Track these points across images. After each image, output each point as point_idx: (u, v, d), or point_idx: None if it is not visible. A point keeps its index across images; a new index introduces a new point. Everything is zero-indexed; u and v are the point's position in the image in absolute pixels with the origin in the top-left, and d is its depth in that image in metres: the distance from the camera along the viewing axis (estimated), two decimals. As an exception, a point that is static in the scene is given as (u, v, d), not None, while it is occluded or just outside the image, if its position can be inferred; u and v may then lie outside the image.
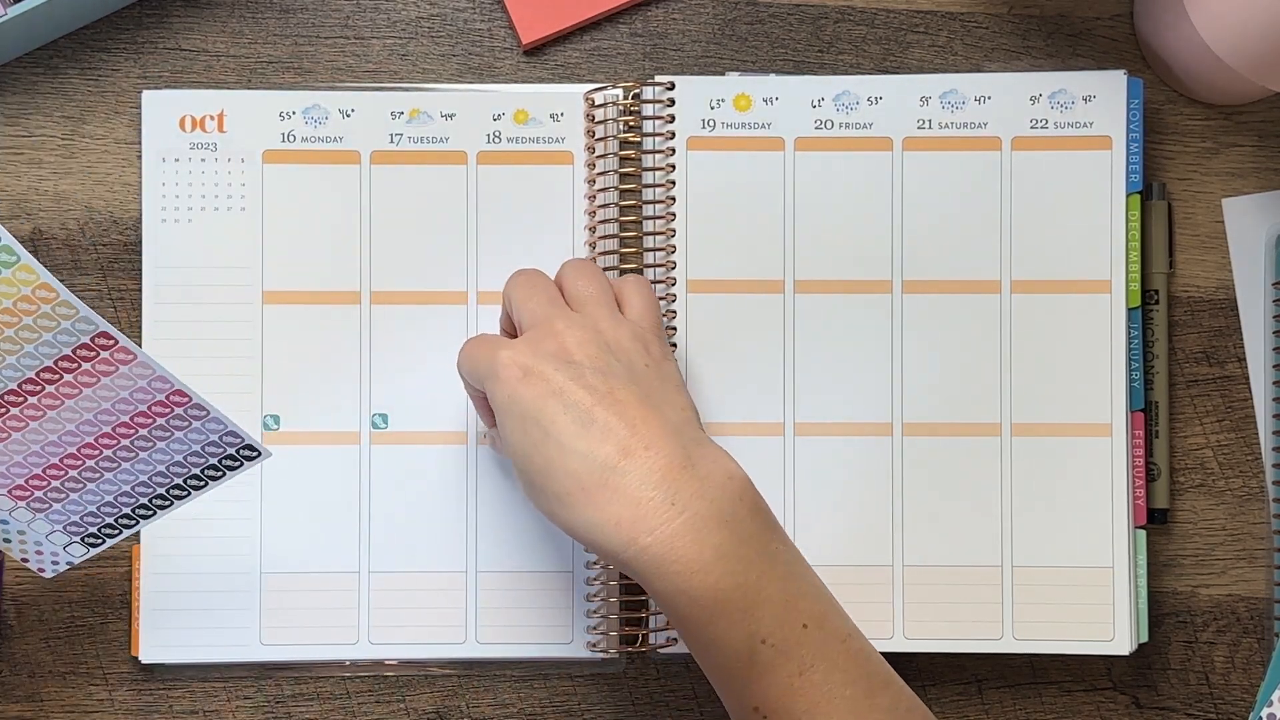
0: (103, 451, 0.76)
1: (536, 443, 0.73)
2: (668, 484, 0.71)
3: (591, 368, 0.74)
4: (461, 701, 0.87)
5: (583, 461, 0.71)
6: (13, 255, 0.69)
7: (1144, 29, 0.88)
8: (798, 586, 0.73)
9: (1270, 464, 0.88)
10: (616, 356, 0.76)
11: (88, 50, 0.89)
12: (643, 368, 0.76)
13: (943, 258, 0.87)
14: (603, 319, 0.77)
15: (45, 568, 0.80)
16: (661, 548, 0.70)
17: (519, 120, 0.87)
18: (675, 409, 0.75)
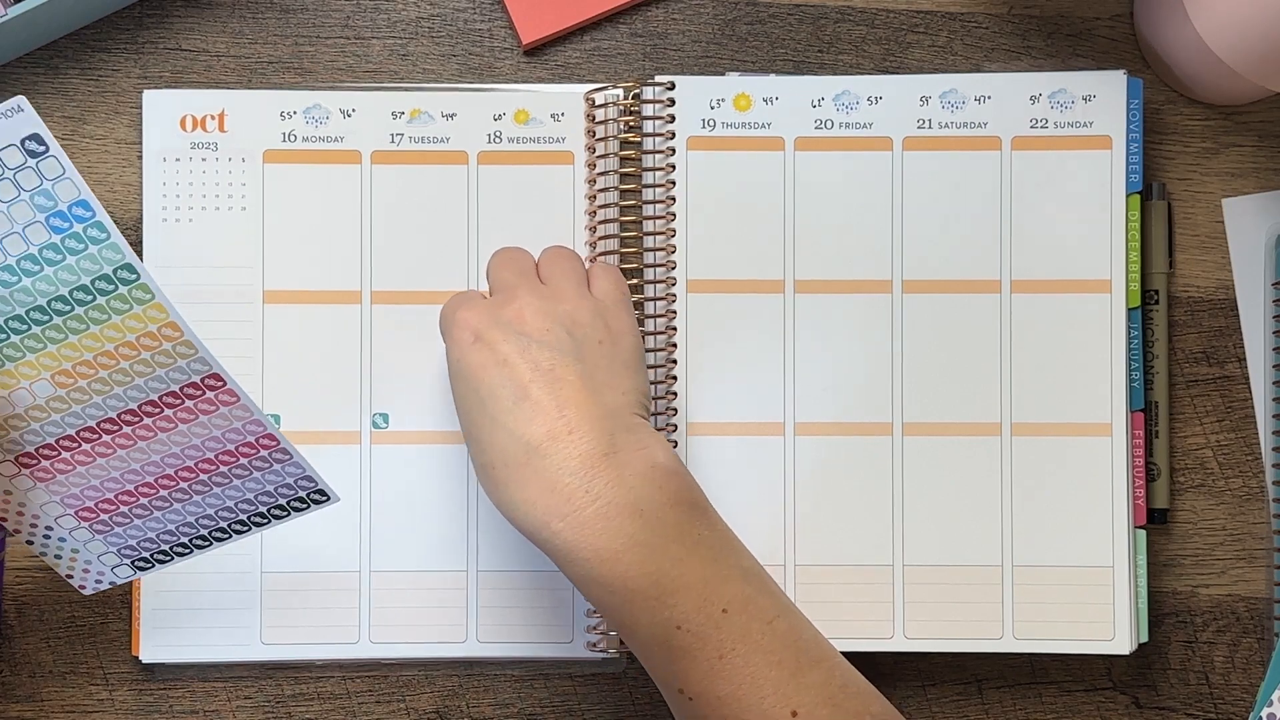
0: (179, 484, 0.77)
1: (474, 411, 0.75)
2: (585, 471, 0.72)
3: (540, 341, 0.75)
4: (461, 701, 0.87)
5: (510, 439, 0.73)
6: (147, 293, 0.71)
7: (1144, 29, 0.89)
8: (719, 571, 0.73)
9: (1270, 464, 0.88)
10: (571, 332, 0.76)
11: (88, 50, 0.89)
12: (595, 344, 0.77)
13: (943, 258, 0.87)
14: (567, 293, 0.79)
15: (87, 585, 0.81)
16: (573, 534, 0.71)
17: (519, 120, 0.87)
18: (617, 392, 0.76)
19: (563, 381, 0.74)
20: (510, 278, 0.79)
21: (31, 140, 0.68)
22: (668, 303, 0.86)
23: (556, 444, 0.73)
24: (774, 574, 0.85)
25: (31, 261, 0.70)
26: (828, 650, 0.75)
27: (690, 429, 0.86)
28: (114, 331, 0.72)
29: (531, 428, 0.73)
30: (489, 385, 0.74)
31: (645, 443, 0.74)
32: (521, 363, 0.74)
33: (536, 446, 0.73)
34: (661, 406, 0.86)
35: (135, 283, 0.71)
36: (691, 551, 0.73)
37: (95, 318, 0.72)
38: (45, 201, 0.69)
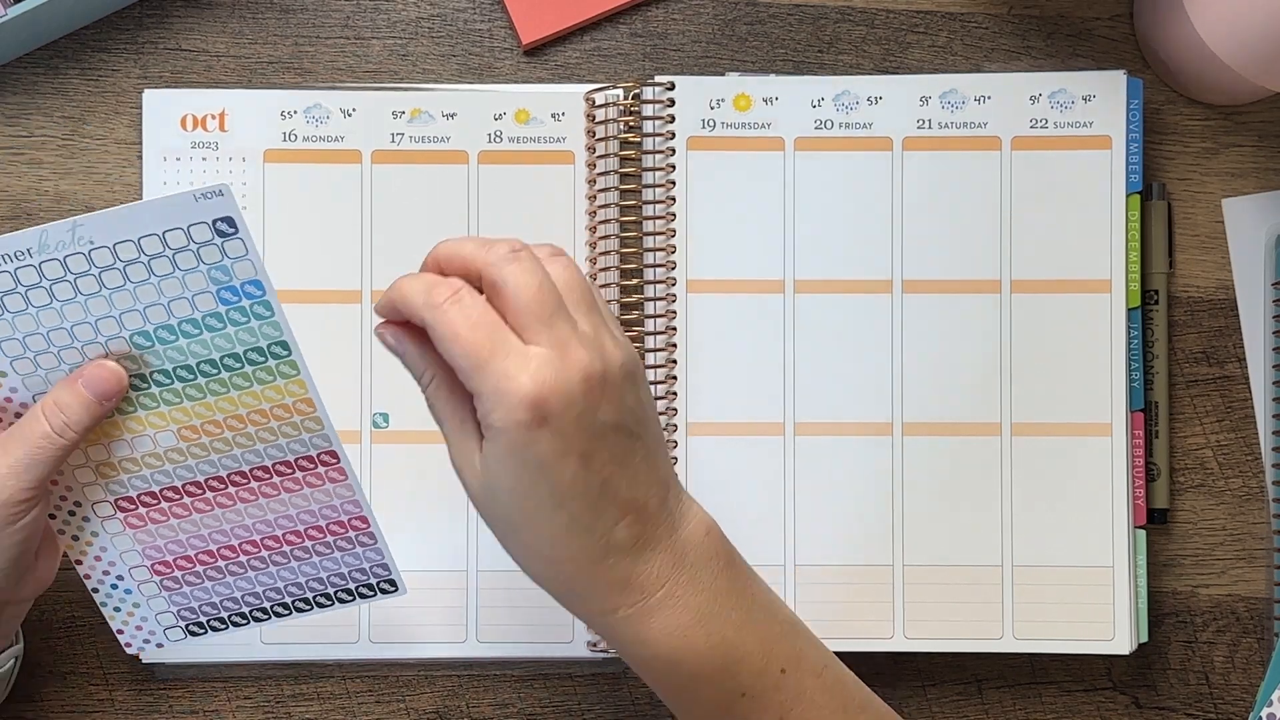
0: (260, 551, 0.78)
1: (540, 504, 0.66)
2: (655, 558, 0.68)
3: (615, 424, 0.66)
4: (461, 701, 0.87)
5: (589, 538, 0.67)
6: (294, 369, 0.73)
7: (1144, 29, 0.89)
8: (773, 629, 0.71)
9: (1270, 464, 0.88)
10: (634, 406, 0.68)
11: (88, 50, 0.89)
12: (644, 405, 0.69)
13: (943, 258, 0.87)
14: (606, 340, 0.68)
15: (133, 642, 0.81)
16: (640, 619, 0.68)
17: (520, 120, 0.87)
18: (664, 458, 0.70)
19: (636, 470, 0.67)
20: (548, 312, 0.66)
21: (224, 222, 0.70)
22: (668, 303, 0.86)
23: (633, 535, 0.67)
24: (774, 574, 0.86)
25: (193, 325, 0.72)
26: (867, 692, 0.74)
27: (690, 429, 0.86)
28: (251, 399, 0.74)
29: (612, 527, 0.67)
30: (567, 482, 0.65)
31: (692, 508, 0.70)
32: (598, 455, 0.66)
33: (614, 544, 0.67)
34: (662, 407, 0.86)
35: (285, 358, 0.73)
36: (749, 613, 0.70)
37: (238, 384, 0.74)
38: (221, 276, 0.71)
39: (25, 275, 0.70)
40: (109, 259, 0.70)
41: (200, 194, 0.69)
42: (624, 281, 0.87)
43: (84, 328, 0.72)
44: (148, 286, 0.71)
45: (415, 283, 0.68)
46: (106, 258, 0.70)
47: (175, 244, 0.70)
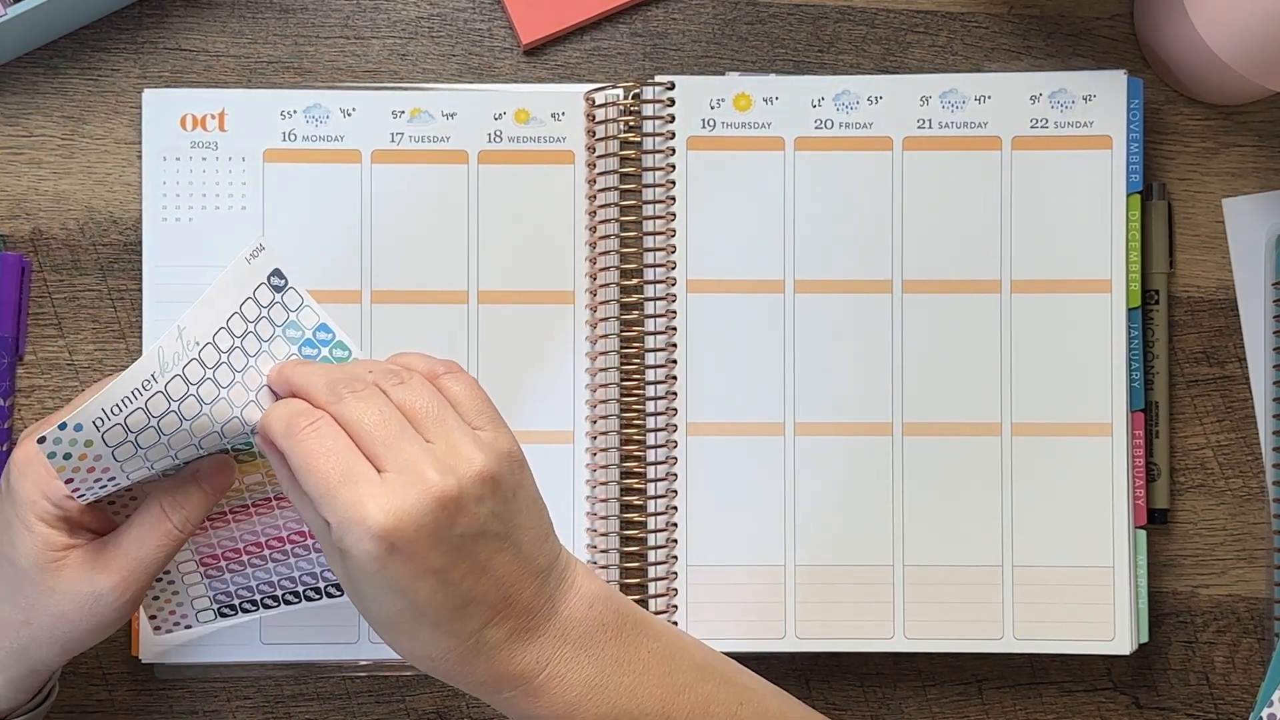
0: (281, 546, 0.79)
1: (403, 618, 0.67)
2: (535, 641, 0.69)
3: (475, 533, 0.66)
4: (461, 701, 0.87)
5: (456, 640, 0.68)
6: None
7: (1144, 29, 0.89)
8: (674, 682, 0.72)
9: (1270, 464, 0.88)
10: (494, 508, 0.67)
11: (88, 50, 0.89)
12: (510, 498, 0.68)
13: (943, 258, 0.87)
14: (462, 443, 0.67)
15: (164, 625, 0.82)
16: (526, 699, 0.69)
17: (520, 120, 0.87)
18: (540, 540, 0.70)
19: (501, 567, 0.67)
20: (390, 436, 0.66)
21: (275, 276, 0.72)
22: (668, 303, 0.86)
23: (506, 626, 0.68)
24: (774, 574, 0.86)
25: None
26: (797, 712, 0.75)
27: (690, 429, 0.86)
28: None
29: (476, 622, 0.67)
30: (425, 597, 0.66)
31: (572, 579, 0.71)
32: (459, 568, 0.66)
33: (483, 638, 0.68)
34: (662, 406, 0.86)
35: None
36: (643, 675, 0.71)
37: None
38: (295, 333, 0.72)
39: (155, 405, 0.68)
40: (216, 356, 0.70)
41: (249, 255, 0.71)
42: (624, 281, 0.87)
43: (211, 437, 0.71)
44: (251, 371, 0.71)
45: (278, 410, 0.69)
46: (214, 356, 0.70)
47: (252, 315, 0.71)
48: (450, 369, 0.71)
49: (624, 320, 0.86)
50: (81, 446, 0.68)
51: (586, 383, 0.87)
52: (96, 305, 0.88)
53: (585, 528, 0.86)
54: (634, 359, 0.86)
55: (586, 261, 0.87)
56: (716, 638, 0.85)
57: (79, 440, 0.68)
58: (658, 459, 0.86)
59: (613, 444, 0.86)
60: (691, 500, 0.86)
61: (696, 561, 0.86)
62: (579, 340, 0.87)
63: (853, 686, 0.88)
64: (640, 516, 0.86)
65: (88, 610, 0.73)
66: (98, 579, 0.72)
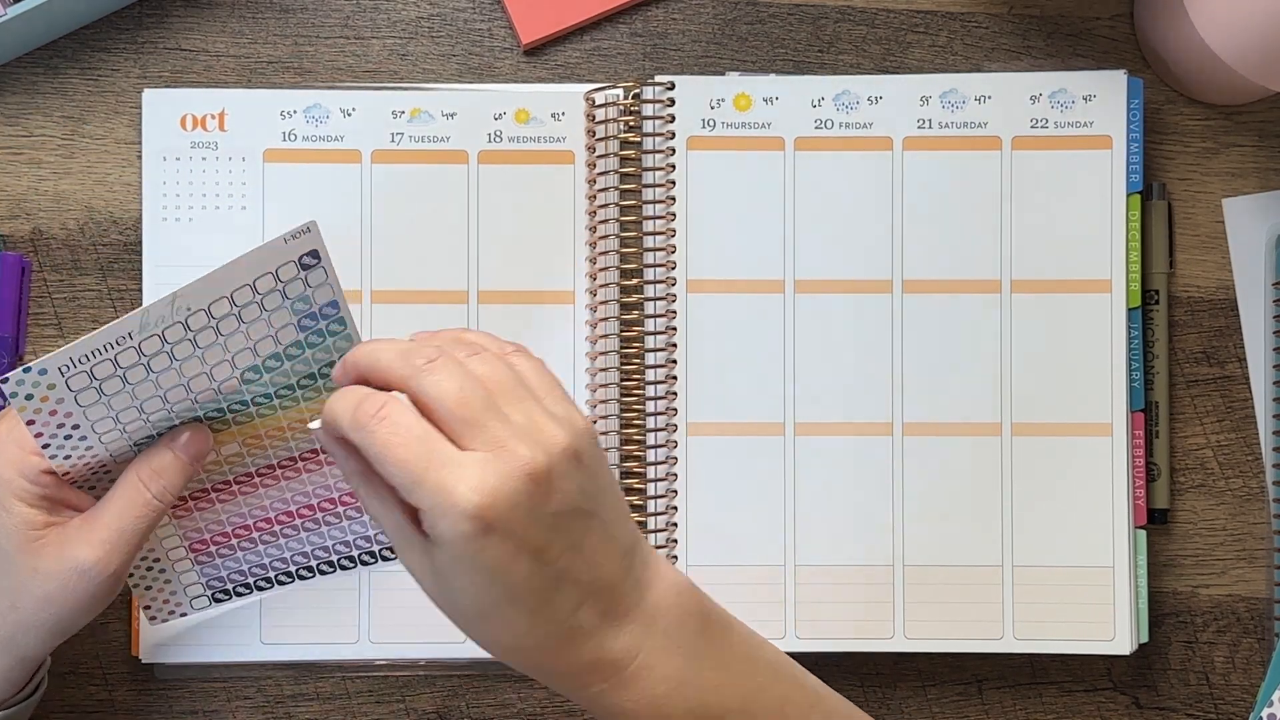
0: (275, 526, 0.79)
1: (496, 602, 0.65)
2: (624, 629, 0.67)
3: (558, 511, 0.64)
4: (462, 701, 0.87)
5: (551, 626, 0.66)
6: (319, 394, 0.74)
7: (1144, 29, 0.89)
8: (754, 681, 0.70)
9: (1270, 464, 0.88)
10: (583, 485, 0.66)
11: (88, 50, 0.89)
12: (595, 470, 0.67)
13: (943, 258, 0.87)
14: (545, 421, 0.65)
15: (158, 614, 0.82)
16: (615, 693, 0.67)
17: (520, 120, 0.87)
18: (624, 519, 0.68)
19: (591, 549, 0.66)
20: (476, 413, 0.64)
21: (309, 255, 0.70)
22: (668, 303, 0.86)
23: (597, 612, 0.66)
24: (774, 574, 0.86)
25: (276, 359, 0.73)
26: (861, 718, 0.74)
27: (690, 429, 0.86)
28: (317, 405, 0.75)
29: (567, 607, 0.65)
30: (519, 580, 0.64)
31: (656, 565, 0.69)
32: (554, 547, 0.64)
33: (576, 625, 0.66)
34: (662, 406, 0.86)
35: None
36: (726, 671, 0.69)
37: (308, 397, 0.75)
38: (303, 306, 0.72)
39: (125, 358, 0.69)
40: (204, 321, 0.70)
41: (290, 235, 0.69)
42: (624, 281, 0.87)
43: (176, 390, 0.72)
44: (237, 336, 0.71)
45: (341, 401, 0.65)
46: (202, 320, 0.70)
47: (264, 289, 0.70)
48: (519, 348, 0.69)
49: (624, 320, 0.86)
50: (44, 389, 0.68)
51: (586, 383, 0.87)
52: (96, 305, 0.88)
53: (585, 528, 0.86)
54: (634, 359, 0.86)
55: (586, 261, 0.87)
56: (716, 638, 0.85)
57: (41, 383, 0.68)
58: (658, 459, 0.86)
59: (613, 444, 0.86)
60: (691, 500, 0.86)
61: (696, 561, 0.86)
62: (579, 340, 0.87)
63: (853, 686, 0.88)
64: (640, 516, 0.86)
65: (72, 588, 0.73)
66: (80, 553, 0.72)
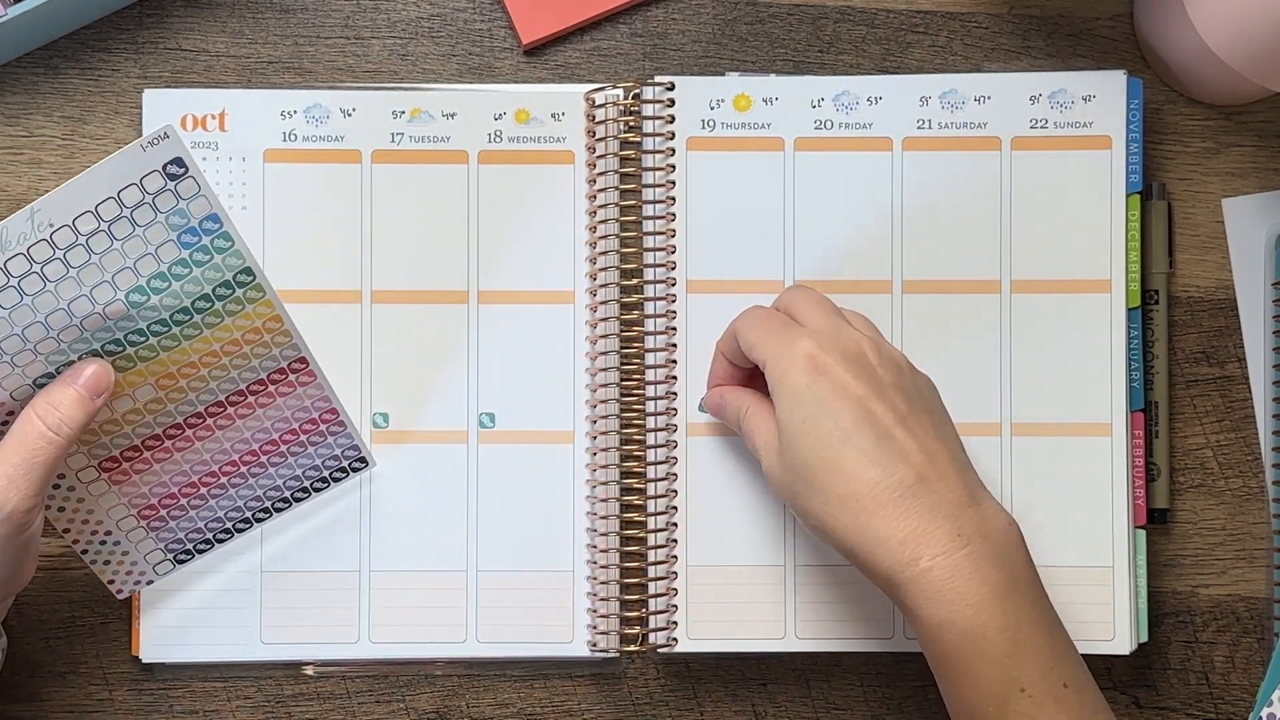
0: (240, 469, 0.79)
1: (829, 442, 0.73)
2: (956, 515, 0.71)
3: (891, 384, 0.75)
4: (462, 701, 0.87)
5: (881, 472, 0.72)
6: (260, 292, 0.74)
7: (1144, 29, 0.89)
8: (1063, 645, 0.73)
9: (1270, 464, 0.88)
10: (913, 380, 0.76)
11: (88, 50, 0.89)
12: (931, 394, 0.77)
13: (943, 258, 0.87)
14: (881, 336, 0.79)
15: (125, 588, 0.82)
16: (941, 573, 0.70)
17: (520, 120, 0.87)
18: (961, 449, 0.75)
19: (922, 430, 0.74)
20: (821, 319, 0.77)
21: (173, 164, 0.69)
22: (668, 303, 0.86)
23: (928, 486, 0.72)
24: (773, 574, 0.86)
25: (161, 279, 0.72)
26: None
27: (690, 429, 0.86)
28: (224, 332, 0.75)
29: (903, 468, 0.72)
30: (850, 418, 0.73)
31: (995, 501, 0.74)
32: (879, 402, 0.73)
33: (909, 486, 0.72)
34: (662, 406, 0.86)
35: (251, 284, 0.74)
36: (1042, 616, 0.72)
37: (210, 323, 0.74)
38: (179, 220, 0.71)
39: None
40: (70, 238, 0.69)
41: (147, 141, 0.68)
42: (624, 281, 0.87)
43: (58, 315, 0.71)
44: (112, 255, 0.70)
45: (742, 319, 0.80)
46: (68, 237, 0.69)
47: (131, 201, 0.69)
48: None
49: (624, 320, 0.87)
50: None
51: (586, 383, 0.87)
52: (96, 305, 0.88)
53: (585, 528, 0.86)
54: (634, 359, 0.86)
55: (586, 261, 0.87)
56: (716, 638, 0.85)
57: None
58: (658, 459, 0.86)
59: (613, 444, 0.86)
60: (691, 500, 0.86)
61: (696, 561, 0.86)
62: (579, 340, 0.87)
63: (853, 686, 0.88)
64: (640, 516, 0.86)
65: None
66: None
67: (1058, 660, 0.71)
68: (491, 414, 0.87)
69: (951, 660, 0.71)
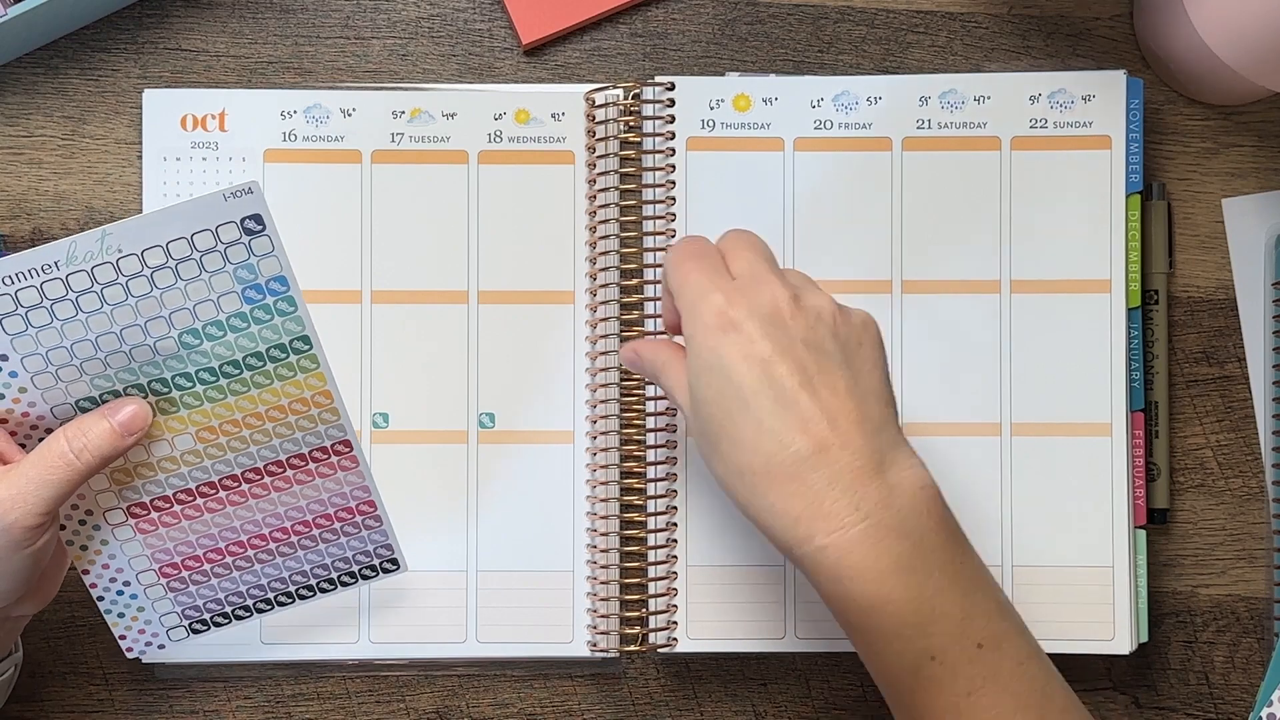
0: (268, 544, 0.78)
1: (729, 408, 0.70)
2: (856, 488, 0.68)
3: (804, 340, 0.70)
4: (461, 701, 0.87)
5: (776, 444, 0.69)
6: (314, 363, 0.74)
7: (1144, 29, 0.89)
8: (978, 604, 0.70)
9: (1270, 464, 0.88)
10: (833, 331, 0.71)
11: (88, 50, 0.89)
12: (855, 348, 0.72)
13: (943, 258, 0.87)
14: (808, 286, 0.73)
15: (134, 646, 0.81)
16: (838, 551, 0.68)
17: (520, 120, 0.87)
18: (881, 403, 0.71)
19: (830, 389, 0.69)
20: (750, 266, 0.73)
21: (252, 220, 0.70)
22: (668, 303, 0.86)
23: (827, 456, 0.68)
24: (773, 574, 0.86)
25: (217, 327, 0.72)
26: (1072, 698, 0.72)
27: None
28: (270, 395, 0.74)
29: (801, 437, 0.68)
30: (751, 384, 0.69)
31: (910, 461, 0.71)
32: (785, 364, 0.69)
33: (806, 457, 0.68)
34: (662, 406, 0.86)
35: (306, 353, 0.73)
36: (954, 581, 0.70)
37: (259, 382, 0.74)
38: (246, 274, 0.71)
39: (51, 289, 0.69)
40: (136, 266, 0.69)
41: (230, 193, 0.69)
42: (624, 282, 0.87)
43: (109, 338, 0.71)
44: (174, 292, 0.70)
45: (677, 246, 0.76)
46: (134, 265, 0.69)
47: (203, 246, 0.70)
48: None
49: (624, 320, 0.86)
50: None
51: (586, 383, 0.87)
52: (96, 305, 0.88)
53: (585, 528, 0.86)
54: (634, 359, 0.86)
55: (586, 261, 0.87)
56: (716, 638, 0.85)
57: None
58: (658, 459, 0.86)
59: (613, 444, 0.86)
60: (691, 500, 0.86)
61: (696, 561, 0.86)
62: (579, 340, 0.87)
63: (853, 686, 0.88)
64: (640, 516, 0.86)
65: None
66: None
67: (969, 621, 0.69)
68: (491, 414, 0.87)
69: (857, 633, 0.70)
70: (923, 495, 0.70)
